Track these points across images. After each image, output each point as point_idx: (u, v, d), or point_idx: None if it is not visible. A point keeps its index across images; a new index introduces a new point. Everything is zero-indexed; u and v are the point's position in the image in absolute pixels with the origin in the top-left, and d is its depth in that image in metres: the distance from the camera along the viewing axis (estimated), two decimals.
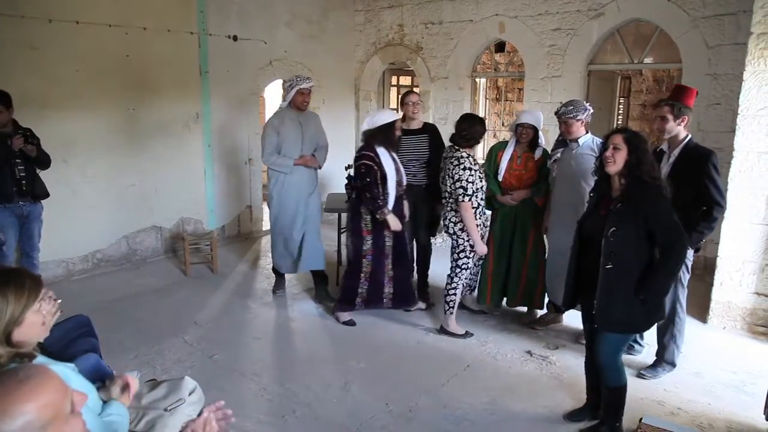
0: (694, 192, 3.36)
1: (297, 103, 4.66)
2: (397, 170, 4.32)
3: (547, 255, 4.35)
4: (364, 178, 4.18)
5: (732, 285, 4.35)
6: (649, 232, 2.69)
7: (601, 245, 2.77)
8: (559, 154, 4.10)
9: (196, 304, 4.90)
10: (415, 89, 4.93)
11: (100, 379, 2.36)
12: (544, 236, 4.38)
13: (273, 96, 9.83)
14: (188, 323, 4.49)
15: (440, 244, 6.27)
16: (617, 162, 2.74)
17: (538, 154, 4.29)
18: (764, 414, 2.99)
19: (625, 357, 3.64)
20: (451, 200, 4.11)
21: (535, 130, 4.22)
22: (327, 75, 7.65)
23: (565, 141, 4.08)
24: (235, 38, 6.58)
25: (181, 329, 4.36)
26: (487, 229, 4.38)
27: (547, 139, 4.67)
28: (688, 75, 5.43)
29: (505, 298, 4.56)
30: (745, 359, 3.94)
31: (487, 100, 9.10)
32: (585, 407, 3.24)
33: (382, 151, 4.24)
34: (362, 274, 4.36)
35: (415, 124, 4.77)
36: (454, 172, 3.99)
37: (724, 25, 5.11)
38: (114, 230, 5.81)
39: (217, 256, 5.76)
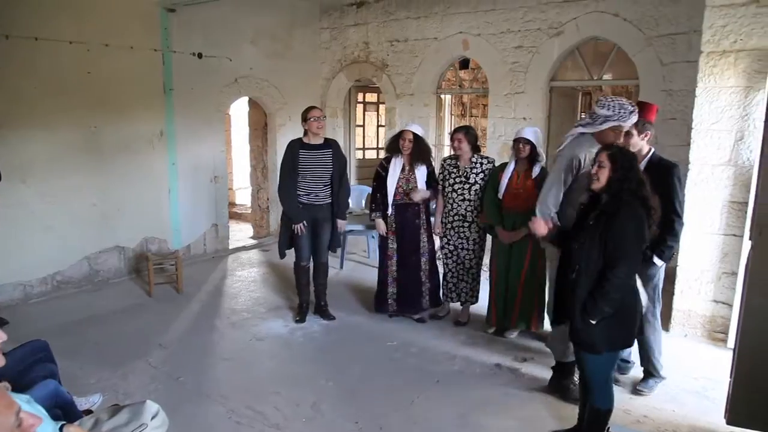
0: (663, 206, 3.44)
1: (608, 139, 3.31)
2: (407, 180, 4.67)
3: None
4: (372, 182, 4.82)
5: (691, 293, 4.47)
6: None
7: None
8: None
9: (160, 326, 4.79)
10: (317, 107, 4.87)
11: (60, 406, 2.29)
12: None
13: (239, 114, 9.77)
14: (153, 345, 4.39)
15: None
16: (601, 179, 2.75)
17: (536, 171, 4.30)
18: (725, 418, 3.08)
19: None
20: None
21: (533, 145, 4.26)
22: (293, 92, 7.66)
23: None
24: (199, 55, 6.54)
25: (146, 352, 4.26)
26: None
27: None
28: (645, 91, 5.60)
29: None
30: (706, 365, 4.05)
31: (453, 116, 9.23)
32: (573, 430, 3.18)
33: (396, 162, 4.68)
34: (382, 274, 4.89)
35: (318, 140, 4.74)
36: None
37: (676, 43, 5.30)
38: (74, 251, 5.67)
39: (182, 275, 5.67)
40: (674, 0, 5.31)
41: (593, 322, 2.71)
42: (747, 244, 2.98)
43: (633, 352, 3.81)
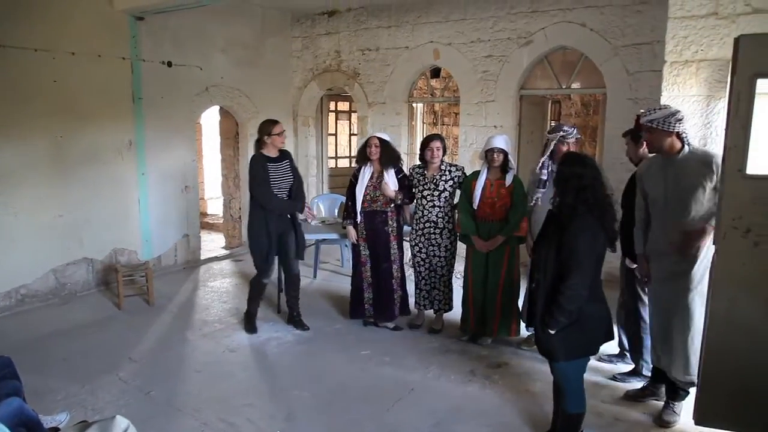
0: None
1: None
2: (375, 188, 4.66)
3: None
4: (346, 191, 4.88)
5: None
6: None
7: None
8: (540, 194, 4.15)
9: (130, 339, 4.70)
10: (279, 121, 4.76)
11: (24, 424, 2.23)
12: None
13: (210, 123, 9.68)
14: (122, 359, 4.30)
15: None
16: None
17: (509, 179, 4.31)
18: (693, 419, 3.14)
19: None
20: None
21: (506, 154, 4.29)
22: (264, 101, 7.63)
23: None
24: (169, 64, 6.47)
25: (115, 366, 4.17)
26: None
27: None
28: (612, 99, 5.73)
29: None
30: None
31: (425, 125, 9.29)
32: None
33: (365, 170, 4.70)
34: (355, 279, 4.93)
35: (276, 152, 4.71)
36: None
37: (641, 53, 5.44)
38: (40, 264, 5.53)
39: (152, 287, 5.57)
40: (638, 11, 5.46)
41: (552, 332, 2.75)
42: (712, 249, 3.06)
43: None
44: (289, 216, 4.75)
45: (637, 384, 3.82)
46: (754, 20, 3.53)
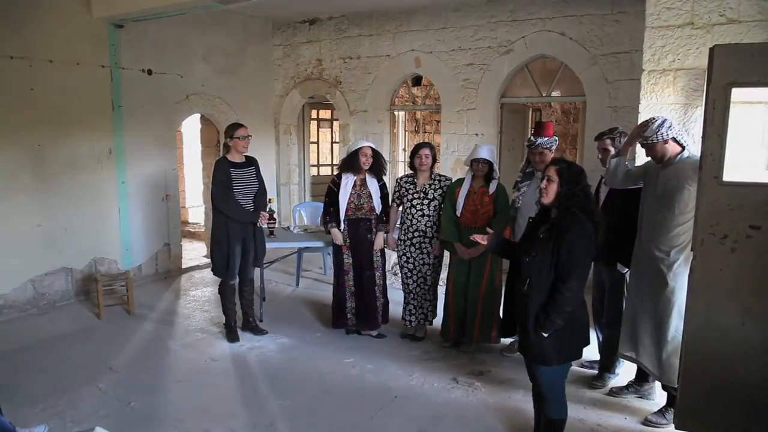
0: (626, 215, 3.63)
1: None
2: (359, 195, 4.67)
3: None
4: (325, 198, 4.79)
5: None
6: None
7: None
8: (525, 188, 4.25)
9: (110, 349, 4.64)
10: (244, 125, 4.75)
11: None
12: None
13: (191, 131, 9.62)
14: (103, 369, 4.24)
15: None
16: (549, 194, 2.78)
17: (492, 188, 4.36)
18: (673, 423, 3.18)
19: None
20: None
21: (490, 164, 4.33)
22: (246, 109, 7.60)
23: (531, 173, 4.24)
24: (149, 72, 6.43)
25: (95, 376, 4.11)
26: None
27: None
28: (591, 107, 5.81)
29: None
30: None
31: (407, 133, 9.33)
32: None
33: (347, 178, 4.65)
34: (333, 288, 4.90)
35: (241, 158, 4.72)
36: None
37: (620, 62, 5.54)
38: (17, 273, 5.43)
39: (132, 296, 5.51)
40: (617, 20, 5.55)
41: (545, 335, 2.74)
42: (690, 254, 3.11)
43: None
44: (251, 223, 4.71)
45: (610, 380, 3.95)
46: (728, 30, 3.61)
